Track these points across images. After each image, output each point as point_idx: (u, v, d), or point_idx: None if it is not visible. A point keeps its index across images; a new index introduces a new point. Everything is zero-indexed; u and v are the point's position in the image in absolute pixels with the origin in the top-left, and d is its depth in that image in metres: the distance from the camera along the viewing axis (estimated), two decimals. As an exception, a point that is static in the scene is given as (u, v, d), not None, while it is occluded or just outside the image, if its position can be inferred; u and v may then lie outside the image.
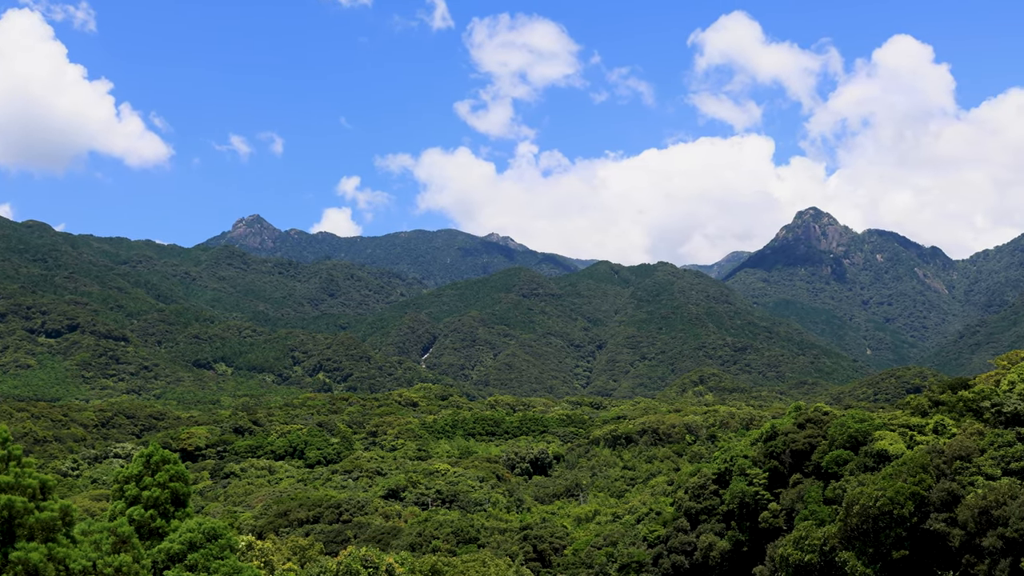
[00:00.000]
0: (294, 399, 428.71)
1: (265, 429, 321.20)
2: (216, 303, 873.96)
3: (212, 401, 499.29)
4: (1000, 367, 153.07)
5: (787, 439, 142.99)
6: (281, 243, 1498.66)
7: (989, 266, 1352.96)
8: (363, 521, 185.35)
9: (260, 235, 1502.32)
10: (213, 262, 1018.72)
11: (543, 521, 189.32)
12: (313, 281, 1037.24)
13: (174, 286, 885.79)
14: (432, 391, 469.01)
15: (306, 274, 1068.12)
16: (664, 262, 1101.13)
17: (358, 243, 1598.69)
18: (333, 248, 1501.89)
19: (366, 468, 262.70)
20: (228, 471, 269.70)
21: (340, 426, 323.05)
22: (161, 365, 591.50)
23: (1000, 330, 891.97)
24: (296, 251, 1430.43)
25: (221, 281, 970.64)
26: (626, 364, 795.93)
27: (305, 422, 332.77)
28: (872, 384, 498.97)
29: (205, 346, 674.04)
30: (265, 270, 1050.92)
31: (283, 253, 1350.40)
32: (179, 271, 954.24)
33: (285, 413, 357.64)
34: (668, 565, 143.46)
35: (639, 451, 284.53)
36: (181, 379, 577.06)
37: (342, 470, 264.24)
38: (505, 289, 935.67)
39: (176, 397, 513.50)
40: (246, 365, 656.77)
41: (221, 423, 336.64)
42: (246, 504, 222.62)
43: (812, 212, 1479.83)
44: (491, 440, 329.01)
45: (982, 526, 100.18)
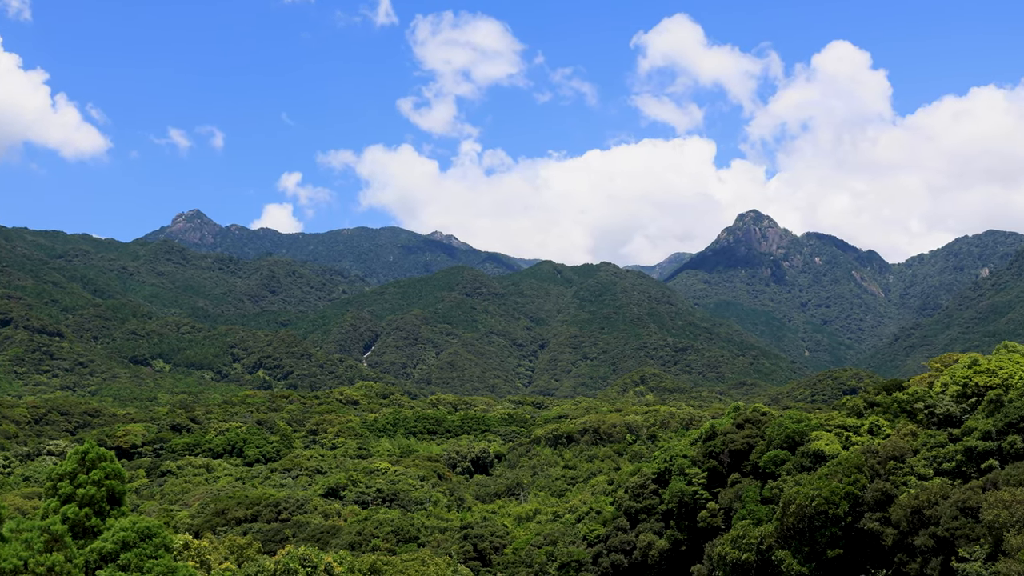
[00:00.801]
0: (233, 397, 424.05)
1: (203, 427, 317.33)
2: (154, 299, 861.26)
3: (149, 398, 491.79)
4: (933, 369, 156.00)
5: (726, 439, 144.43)
6: (221, 239, 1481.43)
7: (924, 270, 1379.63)
8: (302, 520, 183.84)
9: (200, 230, 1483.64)
10: (152, 257, 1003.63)
11: (484, 520, 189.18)
12: (254, 277, 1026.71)
13: (111, 281, 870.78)
14: (373, 389, 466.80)
15: (247, 270, 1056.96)
16: (607, 262, 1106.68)
17: (300, 240, 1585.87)
18: (274, 244, 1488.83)
19: (306, 466, 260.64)
20: (165, 469, 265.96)
21: (280, 424, 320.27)
22: (97, 361, 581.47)
23: (934, 333, 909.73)
24: (237, 247, 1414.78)
25: (160, 276, 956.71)
26: (568, 364, 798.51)
27: (244, 420, 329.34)
28: (809, 385, 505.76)
29: (142, 342, 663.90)
30: (205, 266, 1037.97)
31: (223, 249, 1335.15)
32: (116, 266, 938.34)
33: (224, 411, 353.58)
34: (607, 564, 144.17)
35: (580, 450, 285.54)
36: (117, 375, 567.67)
37: (281, 468, 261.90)
38: (448, 288, 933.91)
39: (112, 394, 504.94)
40: (184, 362, 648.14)
41: (158, 420, 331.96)
42: (183, 503, 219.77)
43: (753, 215, 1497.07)
44: (432, 439, 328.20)
45: (914, 525, 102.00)
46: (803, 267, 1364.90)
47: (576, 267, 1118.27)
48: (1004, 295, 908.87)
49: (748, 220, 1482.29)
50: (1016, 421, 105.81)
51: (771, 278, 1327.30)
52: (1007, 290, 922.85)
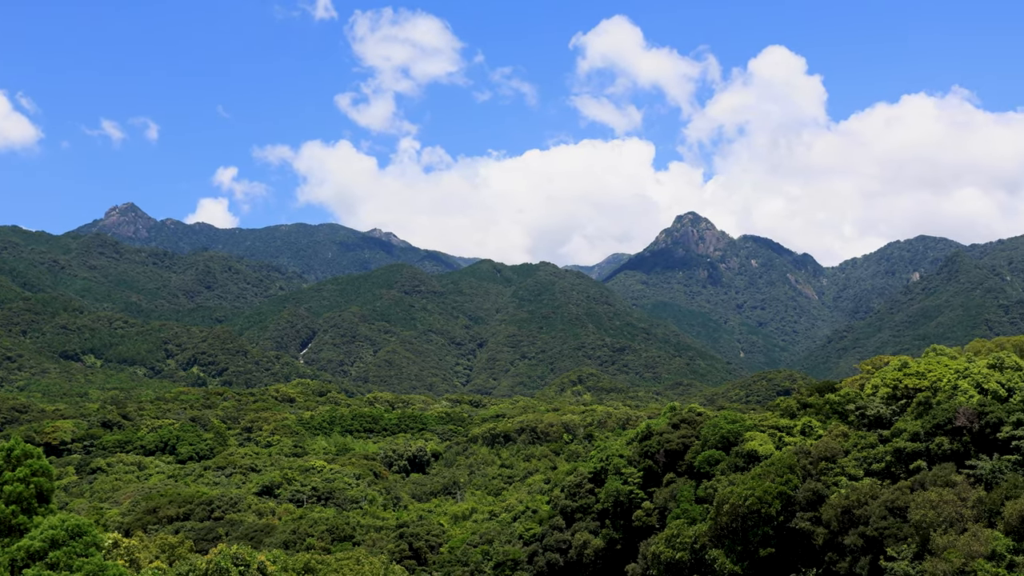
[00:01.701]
0: (166, 393, 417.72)
1: (135, 424, 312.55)
2: (86, 293, 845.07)
3: (79, 394, 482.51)
4: (865, 371, 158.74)
5: (662, 439, 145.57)
6: (156, 233, 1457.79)
7: (857, 274, 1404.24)
8: (236, 518, 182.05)
9: (134, 224, 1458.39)
10: (84, 250, 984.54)
11: (420, 519, 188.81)
12: (189, 273, 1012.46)
13: (41, 274, 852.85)
14: (310, 387, 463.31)
15: (182, 265, 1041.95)
16: (546, 262, 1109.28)
17: (237, 235, 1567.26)
18: (211, 239, 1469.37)
19: (240, 464, 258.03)
20: (95, 466, 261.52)
21: (214, 421, 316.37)
22: (25, 356, 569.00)
23: (866, 336, 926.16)
24: (172, 241, 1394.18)
25: (92, 270, 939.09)
26: (506, 363, 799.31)
27: (177, 417, 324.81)
28: (744, 386, 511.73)
29: (73, 337, 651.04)
30: (139, 260, 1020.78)
31: (158, 243, 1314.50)
32: (47, 259, 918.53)
33: (156, 407, 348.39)
34: (543, 563, 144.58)
35: (517, 449, 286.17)
36: (47, 371, 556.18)
37: (215, 466, 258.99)
38: (387, 285, 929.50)
39: (41, 389, 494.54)
40: (116, 357, 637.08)
41: (88, 417, 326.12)
42: (113, 500, 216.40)
43: (691, 217, 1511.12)
44: (369, 437, 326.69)
45: (844, 525, 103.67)
46: (739, 269, 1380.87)
47: (515, 266, 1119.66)
48: (934, 299, 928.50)
49: (686, 222, 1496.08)
50: (944, 423, 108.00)
51: (708, 280, 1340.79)
52: (937, 294, 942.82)
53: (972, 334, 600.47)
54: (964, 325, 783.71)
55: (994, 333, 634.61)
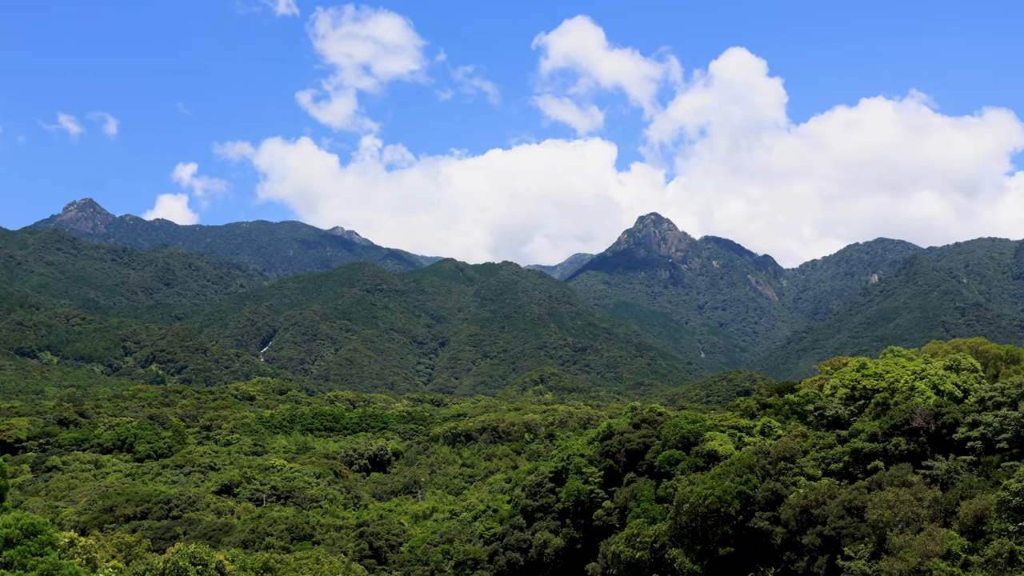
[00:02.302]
0: (124, 391, 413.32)
1: (92, 421, 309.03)
2: (43, 289, 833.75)
3: (36, 391, 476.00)
4: (823, 372, 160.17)
5: (623, 439, 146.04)
6: (115, 229, 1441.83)
7: (816, 275, 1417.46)
8: (194, 517, 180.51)
9: (93, 220, 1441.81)
10: (41, 246, 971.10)
11: (380, 518, 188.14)
12: (148, 269, 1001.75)
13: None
14: (270, 385, 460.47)
15: (141, 262, 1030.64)
16: (508, 261, 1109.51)
17: (197, 232, 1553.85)
18: (170, 236, 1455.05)
19: (199, 463, 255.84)
20: (51, 464, 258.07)
21: (173, 419, 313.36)
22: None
23: (825, 337, 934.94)
24: (131, 238, 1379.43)
25: (49, 266, 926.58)
26: (468, 362, 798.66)
27: (135, 415, 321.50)
28: (705, 386, 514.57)
29: (29, 333, 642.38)
30: (97, 256, 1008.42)
31: (117, 239, 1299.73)
32: (3, 254, 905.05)
33: (114, 405, 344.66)
34: (503, 562, 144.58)
35: (478, 449, 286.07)
36: (2, 367, 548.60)
37: (173, 465, 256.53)
38: (348, 284, 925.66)
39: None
40: (74, 354, 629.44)
41: (44, 414, 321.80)
42: (69, 499, 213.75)
43: (653, 218, 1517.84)
44: (330, 436, 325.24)
45: (803, 524, 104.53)
46: (701, 270, 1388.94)
47: (478, 265, 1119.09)
48: (892, 301, 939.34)
49: (648, 223, 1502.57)
50: (901, 424, 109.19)
51: (669, 280, 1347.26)
52: (895, 296, 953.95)
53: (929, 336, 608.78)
54: (921, 327, 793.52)
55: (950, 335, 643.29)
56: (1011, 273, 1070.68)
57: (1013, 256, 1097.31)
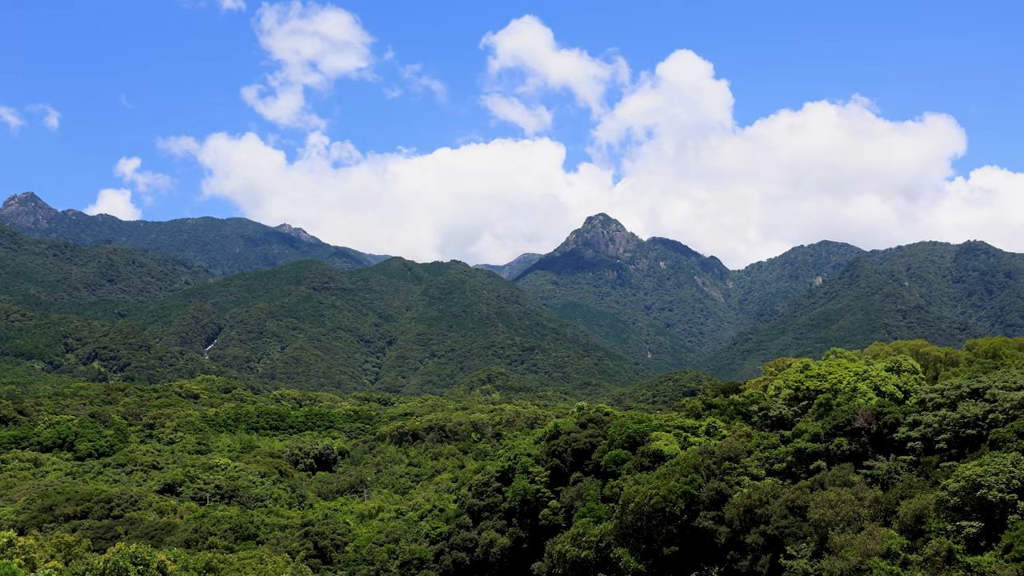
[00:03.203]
0: (65, 388, 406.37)
1: (31, 419, 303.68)
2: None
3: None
4: (768, 373, 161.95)
5: (569, 438, 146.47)
6: (57, 224, 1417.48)
7: (762, 277, 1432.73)
8: (135, 517, 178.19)
9: (34, 214, 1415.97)
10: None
11: (325, 517, 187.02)
12: (91, 265, 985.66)
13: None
14: (215, 383, 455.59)
15: (84, 257, 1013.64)
16: (457, 261, 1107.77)
17: (141, 228, 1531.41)
18: (114, 232, 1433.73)
19: (141, 461, 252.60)
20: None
21: (115, 418, 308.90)
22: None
23: (770, 338, 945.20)
24: (74, 233, 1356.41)
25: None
26: (416, 361, 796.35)
27: (76, 413, 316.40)
28: (651, 386, 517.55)
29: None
30: (38, 251, 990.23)
31: (59, 235, 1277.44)
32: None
33: (55, 403, 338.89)
34: (449, 562, 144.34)
35: (425, 448, 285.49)
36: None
37: (115, 463, 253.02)
38: (295, 282, 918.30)
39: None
40: (13, 351, 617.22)
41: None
42: (8, 498, 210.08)
43: (601, 218, 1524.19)
44: (275, 435, 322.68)
45: (746, 524, 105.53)
46: (648, 271, 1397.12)
47: (426, 264, 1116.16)
48: (835, 303, 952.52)
49: (597, 223, 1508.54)
50: (843, 424, 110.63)
51: (617, 281, 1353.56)
52: (838, 298, 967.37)
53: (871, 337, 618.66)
54: (864, 329, 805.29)
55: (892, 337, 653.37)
56: (951, 277, 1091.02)
57: (953, 260, 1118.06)
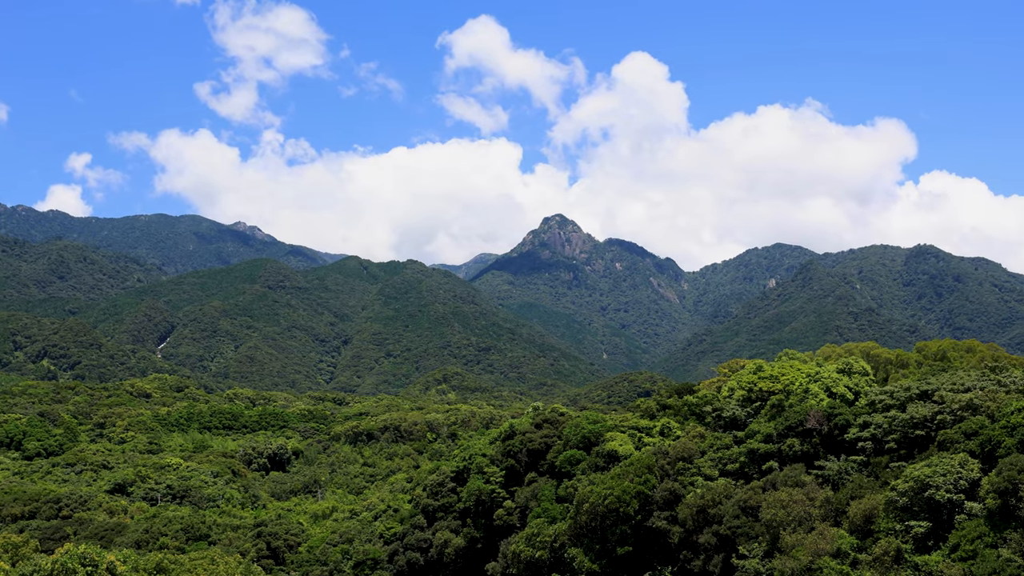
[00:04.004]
0: (13, 387, 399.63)
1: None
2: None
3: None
4: (722, 374, 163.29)
5: (524, 438, 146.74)
6: (6, 219, 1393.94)
7: (716, 279, 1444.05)
8: (85, 517, 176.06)
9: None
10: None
11: (278, 518, 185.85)
12: (41, 262, 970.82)
13: None
14: (167, 382, 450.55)
15: (33, 254, 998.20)
16: (413, 260, 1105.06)
17: (93, 224, 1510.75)
18: (65, 228, 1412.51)
19: (91, 461, 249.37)
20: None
21: (64, 416, 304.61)
22: None
23: (724, 339, 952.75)
24: (23, 229, 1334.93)
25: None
26: (371, 360, 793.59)
27: (25, 411, 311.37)
28: (606, 387, 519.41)
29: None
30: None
31: (8, 230, 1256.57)
32: None
33: (2, 401, 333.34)
34: (403, 562, 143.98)
35: (380, 448, 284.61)
36: None
37: (64, 463, 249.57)
38: (250, 280, 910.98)
39: None
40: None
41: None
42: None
43: (558, 219, 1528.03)
44: (228, 434, 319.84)
45: (699, 524, 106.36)
46: (604, 272, 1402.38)
47: (382, 264, 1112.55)
48: (788, 305, 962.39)
49: (553, 224, 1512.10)
50: (795, 425, 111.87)
51: (573, 281, 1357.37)
52: (791, 300, 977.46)
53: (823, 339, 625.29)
54: (816, 331, 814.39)
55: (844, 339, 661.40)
56: (901, 280, 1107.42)
57: (903, 263, 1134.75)
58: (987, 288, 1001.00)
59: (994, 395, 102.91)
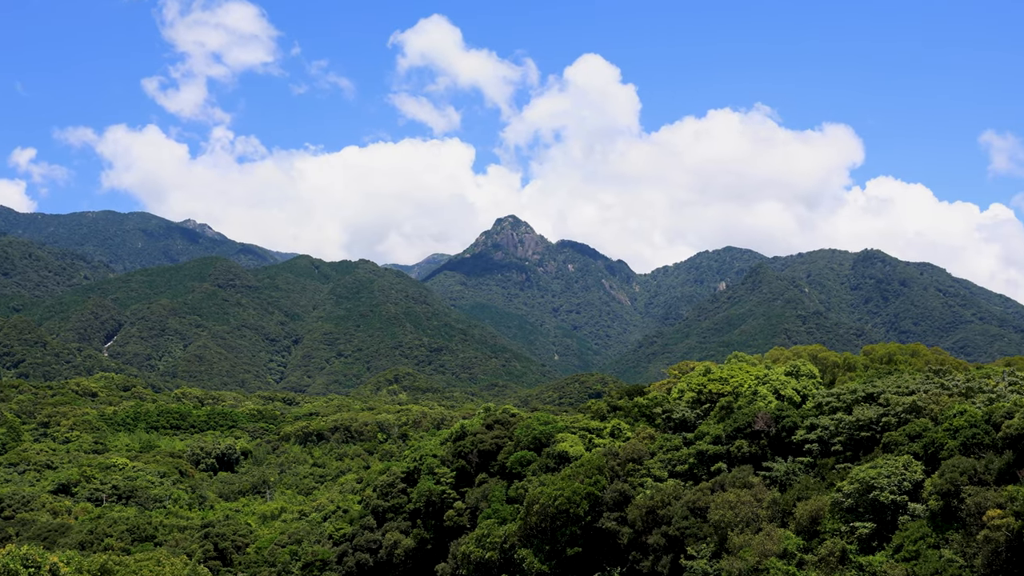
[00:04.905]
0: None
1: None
2: None
3: None
4: (672, 376, 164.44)
5: (475, 439, 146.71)
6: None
7: (667, 281, 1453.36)
8: (28, 518, 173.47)
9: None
10: None
11: (226, 518, 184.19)
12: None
13: None
14: (114, 381, 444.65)
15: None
16: (365, 260, 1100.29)
17: (39, 220, 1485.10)
18: (9, 224, 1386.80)
19: (35, 461, 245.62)
20: None
21: (7, 415, 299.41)
22: None
23: (674, 341, 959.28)
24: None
25: None
26: (322, 360, 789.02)
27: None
28: (558, 388, 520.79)
29: None
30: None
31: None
32: None
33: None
34: (352, 563, 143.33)
35: (330, 448, 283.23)
36: None
37: (7, 463, 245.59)
38: (199, 278, 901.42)
39: None
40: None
41: None
42: None
43: (511, 220, 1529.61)
44: (176, 434, 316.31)
45: (648, 524, 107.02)
46: (556, 273, 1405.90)
47: (334, 263, 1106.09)
48: (738, 308, 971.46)
49: (506, 225, 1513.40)
50: (744, 427, 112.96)
51: (526, 283, 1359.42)
52: (741, 303, 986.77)
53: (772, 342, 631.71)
54: (765, 333, 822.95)
55: (792, 342, 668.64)
56: (848, 284, 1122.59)
57: (851, 268, 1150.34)
58: (932, 293, 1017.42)
59: (937, 398, 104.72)
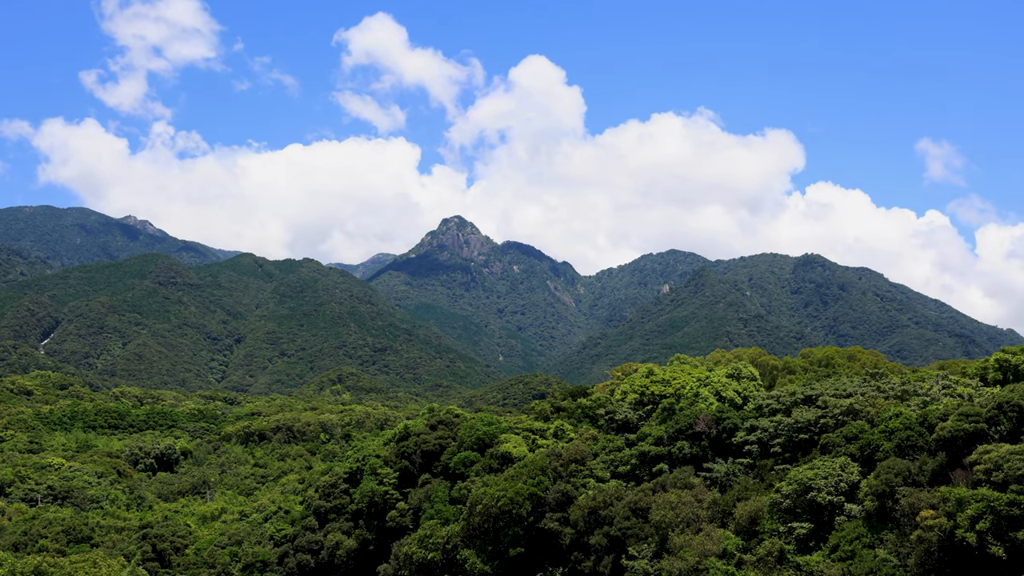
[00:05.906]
0: None
1: None
2: None
3: None
4: (615, 378, 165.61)
5: (419, 440, 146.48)
6: None
7: (612, 283, 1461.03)
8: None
9: None
10: None
11: (165, 519, 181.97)
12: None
13: None
14: (50, 379, 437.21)
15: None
16: (309, 259, 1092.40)
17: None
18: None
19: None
20: None
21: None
22: None
23: (618, 343, 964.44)
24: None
25: None
26: (264, 360, 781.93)
27: None
28: (502, 389, 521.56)
29: None
30: None
31: None
32: None
33: None
34: (293, 564, 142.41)
35: (272, 448, 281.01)
36: None
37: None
38: (139, 275, 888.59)
39: None
40: None
41: None
42: None
43: (457, 220, 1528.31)
44: (114, 434, 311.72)
45: (591, 525, 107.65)
46: (502, 274, 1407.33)
47: (278, 262, 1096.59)
48: (681, 310, 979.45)
49: (452, 225, 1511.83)
50: (685, 428, 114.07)
51: (471, 283, 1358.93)
52: (684, 306, 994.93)
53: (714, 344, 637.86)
54: (707, 336, 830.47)
55: (734, 344, 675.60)
56: (789, 287, 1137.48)
57: (791, 272, 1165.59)
58: (870, 297, 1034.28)
59: (874, 400, 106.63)
